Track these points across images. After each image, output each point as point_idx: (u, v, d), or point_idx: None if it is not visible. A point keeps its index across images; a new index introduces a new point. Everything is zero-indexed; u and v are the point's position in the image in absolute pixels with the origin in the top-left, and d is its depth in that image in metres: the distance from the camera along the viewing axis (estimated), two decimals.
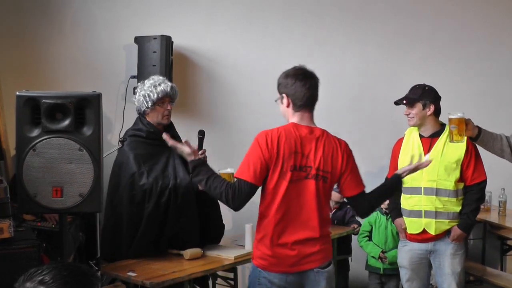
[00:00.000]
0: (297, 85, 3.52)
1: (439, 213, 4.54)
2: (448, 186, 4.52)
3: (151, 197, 4.19)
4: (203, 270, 4.17)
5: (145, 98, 4.36)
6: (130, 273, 3.95)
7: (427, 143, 4.61)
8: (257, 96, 6.25)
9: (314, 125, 3.63)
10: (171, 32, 5.61)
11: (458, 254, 4.60)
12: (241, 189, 3.44)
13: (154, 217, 4.21)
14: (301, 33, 6.41)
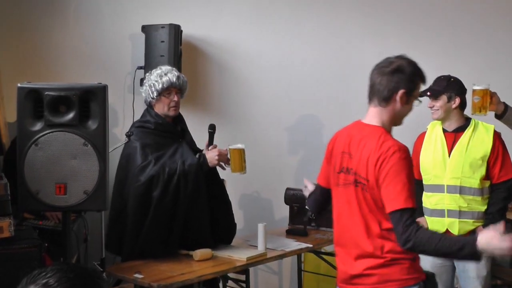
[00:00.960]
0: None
1: (463, 213, 4.50)
2: (473, 184, 4.47)
3: (158, 184, 4.16)
4: (214, 272, 4.16)
5: (151, 88, 4.36)
6: (137, 274, 3.94)
7: (451, 138, 4.56)
8: (270, 87, 6.25)
9: (375, 122, 3.32)
10: (180, 20, 5.61)
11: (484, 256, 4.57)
12: (315, 191, 3.54)
13: (162, 206, 4.17)
14: (315, 23, 6.37)
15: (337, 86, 6.42)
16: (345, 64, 6.44)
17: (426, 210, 4.67)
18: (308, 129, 6.35)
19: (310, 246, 4.88)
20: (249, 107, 6.19)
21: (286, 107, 6.30)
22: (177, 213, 4.24)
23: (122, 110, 5.78)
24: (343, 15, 6.46)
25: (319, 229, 5.32)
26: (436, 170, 4.55)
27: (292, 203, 5.47)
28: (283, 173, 6.25)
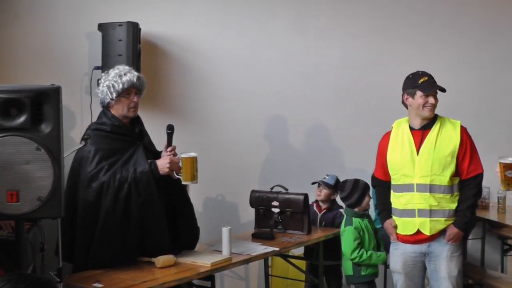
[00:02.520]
0: None
1: (434, 211, 4.52)
2: (443, 181, 4.50)
3: (108, 191, 4.12)
4: (177, 279, 4.10)
5: (109, 89, 4.29)
6: (96, 284, 3.88)
7: (419, 136, 4.59)
8: (234, 87, 6.24)
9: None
10: (139, 18, 5.57)
11: (455, 256, 4.59)
12: None
13: (113, 214, 4.13)
14: (281, 20, 6.39)
15: (303, 85, 6.44)
16: (311, 63, 6.46)
17: (396, 210, 4.69)
18: (273, 128, 6.35)
19: (277, 250, 4.86)
20: (212, 107, 6.17)
21: (251, 107, 6.28)
22: (130, 221, 4.19)
23: (80, 112, 5.72)
24: (310, 13, 6.49)
25: (286, 232, 5.31)
26: (405, 169, 4.57)
27: (258, 205, 5.46)
28: (248, 174, 6.24)
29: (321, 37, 6.50)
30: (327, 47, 6.51)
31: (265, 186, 5.76)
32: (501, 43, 7.04)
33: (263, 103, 6.31)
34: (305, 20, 6.46)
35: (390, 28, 6.72)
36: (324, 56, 6.47)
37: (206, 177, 5.87)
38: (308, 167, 6.42)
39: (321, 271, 5.46)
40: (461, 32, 6.91)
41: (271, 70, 6.35)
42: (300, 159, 6.46)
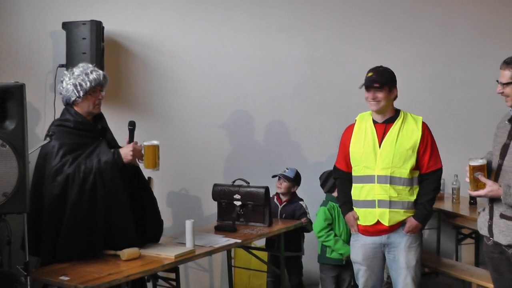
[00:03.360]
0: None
1: (394, 203, 4.57)
2: (403, 174, 4.56)
3: (74, 183, 4.12)
4: (142, 271, 4.12)
5: (75, 87, 4.28)
6: (63, 277, 3.88)
7: (382, 129, 4.64)
8: (197, 84, 6.24)
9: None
10: (102, 17, 5.52)
11: (413, 246, 4.65)
12: None
13: (80, 206, 4.13)
14: (242, 17, 6.41)
15: (264, 81, 6.47)
16: (271, 60, 6.49)
17: (356, 202, 4.73)
18: (235, 124, 6.38)
19: (239, 242, 4.89)
20: (174, 104, 6.16)
21: (213, 103, 6.30)
22: (97, 212, 4.19)
23: (44, 109, 5.67)
24: (271, 9, 6.52)
25: (248, 224, 5.33)
26: (366, 161, 4.61)
27: (220, 199, 5.47)
28: (210, 169, 6.26)
29: (281, 35, 6.55)
30: (287, 45, 6.55)
31: (227, 180, 5.78)
32: (452, 40, 7.18)
33: (225, 99, 6.32)
34: (266, 18, 6.49)
35: (348, 26, 6.80)
36: (284, 53, 6.51)
37: (170, 172, 5.91)
38: (269, 161, 6.46)
39: (282, 262, 5.51)
40: (415, 30, 7.03)
41: (232, 67, 6.37)
42: (261, 153, 6.49)
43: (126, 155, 4.24)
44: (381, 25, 6.92)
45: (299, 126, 6.61)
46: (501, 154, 3.85)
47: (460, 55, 7.21)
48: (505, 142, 3.85)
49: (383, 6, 6.92)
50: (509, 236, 3.77)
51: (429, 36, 7.09)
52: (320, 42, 6.69)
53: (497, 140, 3.94)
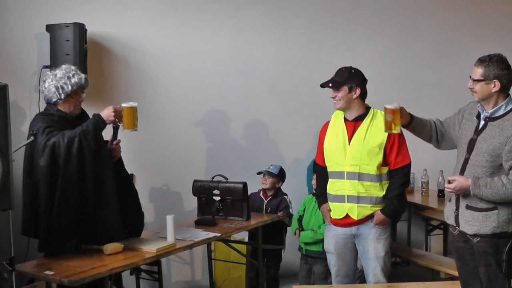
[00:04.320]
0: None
1: (362, 198, 4.58)
2: (370, 170, 4.55)
3: (60, 149, 4.05)
4: (124, 265, 4.10)
5: (57, 89, 4.24)
6: (47, 271, 3.85)
7: (351, 126, 4.63)
8: (177, 83, 6.22)
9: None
10: (84, 19, 5.49)
11: (382, 238, 4.65)
12: None
13: (69, 170, 4.07)
14: (219, 19, 6.40)
15: (242, 80, 6.46)
16: (249, 59, 6.48)
17: (329, 196, 4.73)
18: (214, 122, 6.36)
19: (218, 235, 4.88)
20: (156, 103, 6.13)
21: (193, 102, 6.27)
22: (87, 175, 4.12)
23: (29, 109, 5.61)
24: (246, 11, 6.52)
25: (227, 219, 5.32)
26: (337, 157, 4.61)
27: (200, 194, 5.46)
28: (190, 166, 6.23)
29: (256, 36, 6.54)
30: (262, 45, 6.54)
31: (207, 176, 5.77)
32: (420, 41, 7.21)
33: (204, 99, 6.30)
34: (241, 19, 6.49)
35: (319, 26, 6.81)
36: (259, 53, 6.50)
37: (151, 169, 5.88)
38: (246, 158, 6.45)
39: (260, 254, 5.51)
40: (383, 31, 7.06)
41: (210, 67, 6.35)
42: (239, 150, 6.48)
43: (108, 116, 4.21)
44: (350, 25, 6.94)
45: (275, 124, 6.60)
46: (468, 148, 3.89)
47: (426, 54, 7.24)
48: (472, 137, 3.89)
49: (351, 7, 6.94)
50: (474, 226, 3.83)
51: (396, 36, 7.12)
52: (293, 42, 6.69)
53: (463, 132, 3.99)
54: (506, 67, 3.80)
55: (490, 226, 3.78)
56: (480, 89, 3.83)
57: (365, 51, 6.86)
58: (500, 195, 3.70)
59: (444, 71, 7.31)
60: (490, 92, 3.80)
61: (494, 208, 3.78)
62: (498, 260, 3.81)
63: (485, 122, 3.87)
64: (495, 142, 3.74)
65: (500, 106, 3.82)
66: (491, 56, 3.84)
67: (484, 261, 3.84)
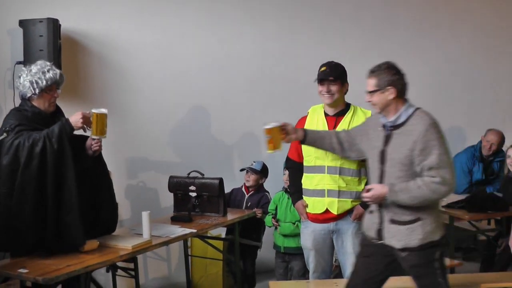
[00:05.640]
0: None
1: (342, 192, 4.55)
2: (351, 165, 4.53)
3: (23, 150, 3.98)
4: (100, 262, 4.07)
5: (32, 84, 4.19)
6: (21, 270, 3.80)
7: (332, 121, 4.60)
8: (153, 80, 6.19)
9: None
10: (58, 14, 5.43)
11: (360, 233, 4.63)
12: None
13: (29, 170, 3.98)
14: (195, 14, 6.37)
15: (218, 75, 6.44)
16: (223, 55, 6.45)
17: (307, 191, 4.68)
18: (190, 118, 6.33)
19: (194, 231, 4.85)
20: (131, 99, 6.09)
21: (168, 98, 6.23)
22: (47, 177, 4.02)
23: (4, 105, 5.55)
24: (222, 4, 6.50)
25: (203, 215, 5.29)
26: (318, 152, 4.57)
27: (176, 190, 5.43)
28: (166, 162, 6.20)
29: (232, 31, 6.52)
30: (238, 40, 6.52)
31: (183, 172, 5.72)
32: (397, 35, 7.22)
33: (180, 94, 6.27)
34: (217, 14, 6.47)
35: (296, 20, 6.81)
36: (236, 47, 6.47)
37: (127, 165, 5.83)
38: (223, 153, 6.43)
39: (236, 248, 5.51)
40: (361, 26, 7.06)
41: (186, 62, 6.32)
42: (216, 146, 6.46)
43: (76, 122, 4.11)
44: (327, 23, 6.93)
45: (252, 119, 6.56)
46: (381, 159, 3.81)
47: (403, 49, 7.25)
48: (382, 148, 3.81)
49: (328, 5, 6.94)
50: (401, 241, 3.75)
51: (373, 31, 7.12)
52: (271, 36, 6.67)
53: (373, 144, 3.91)
54: (397, 72, 3.78)
55: (417, 239, 3.70)
56: (377, 99, 3.78)
57: (344, 46, 6.86)
58: (417, 198, 3.61)
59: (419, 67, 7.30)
60: (388, 100, 3.75)
61: (417, 219, 3.70)
62: (432, 271, 3.74)
63: (390, 132, 3.80)
64: (404, 150, 3.66)
65: (400, 113, 3.77)
66: (380, 65, 3.84)
67: (416, 274, 3.78)
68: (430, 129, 3.63)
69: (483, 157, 6.67)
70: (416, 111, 3.77)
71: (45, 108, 4.27)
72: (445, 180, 3.57)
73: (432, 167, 3.58)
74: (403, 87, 3.79)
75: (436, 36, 7.38)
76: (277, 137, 4.12)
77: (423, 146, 3.60)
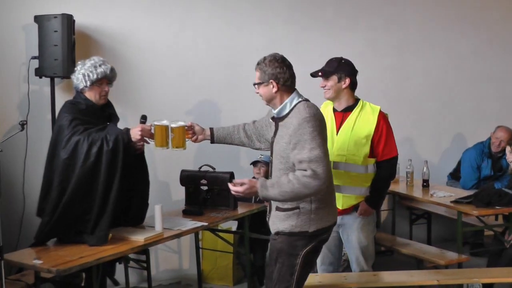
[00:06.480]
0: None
1: (347, 188, 4.58)
2: (357, 161, 4.55)
3: (82, 148, 4.15)
4: (113, 254, 4.09)
5: (84, 77, 4.37)
6: (36, 261, 3.84)
7: (340, 117, 4.61)
8: (164, 75, 6.21)
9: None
10: (72, 10, 5.48)
11: (366, 227, 4.66)
12: None
13: (86, 167, 4.15)
14: (206, 11, 6.39)
15: (229, 70, 6.44)
16: (235, 49, 6.46)
17: None
18: (201, 113, 6.33)
19: (206, 224, 4.87)
20: (144, 95, 6.12)
21: (180, 93, 6.26)
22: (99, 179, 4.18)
23: (18, 99, 5.60)
24: (233, 4, 6.50)
25: (214, 208, 5.29)
26: None
27: (188, 184, 5.43)
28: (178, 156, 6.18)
29: (243, 27, 6.53)
30: (248, 37, 6.52)
31: (194, 166, 5.74)
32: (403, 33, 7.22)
33: (191, 89, 6.29)
34: (228, 11, 6.48)
35: (306, 18, 6.80)
36: (246, 43, 6.48)
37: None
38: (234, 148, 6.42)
39: (246, 242, 5.51)
40: (368, 23, 7.06)
41: (196, 58, 6.35)
42: None
43: (135, 134, 4.27)
44: (335, 20, 6.94)
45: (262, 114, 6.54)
46: (271, 151, 3.86)
47: (411, 45, 7.26)
48: (272, 140, 3.84)
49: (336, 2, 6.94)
50: (275, 225, 3.81)
51: (382, 27, 7.12)
52: (281, 31, 6.67)
53: (269, 135, 3.98)
54: (280, 65, 3.76)
55: (289, 225, 3.71)
56: (262, 92, 3.80)
57: (351, 42, 6.87)
58: (287, 193, 3.53)
59: (428, 63, 7.34)
60: (272, 93, 3.76)
61: (296, 207, 3.70)
62: (291, 262, 3.73)
63: (277, 124, 3.81)
64: (282, 142, 3.66)
65: (285, 104, 3.76)
66: (265, 57, 3.83)
67: (279, 259, 3.77)
68: (303, 123, 3.57)
69: (492, 153, 6.68)
70: (298, 103, 3.73)
71: (96, 100, 4.44)
72: (316, 174, 3.48)
73: (303, 160, 3.52)
74: (287, 80, 3.76)
75: (444, 32, 7.38)
76: (181, 136, 4.24)
77: (296, 140, 3.56)
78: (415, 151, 6.91)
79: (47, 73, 5.38)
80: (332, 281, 4.69)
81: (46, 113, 5.57)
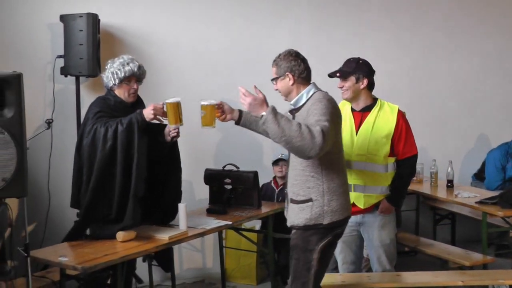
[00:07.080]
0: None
1: (368, 187, 4.55)
2: (377, 160, 4.53)
3: (100, 135, 4.23)
4: (137, 252, 4.11)
5: (113, 75, 4.44)
6: (61, 258, 3.87)
7: (359, 117, 4.60)
8: (186, 74, 6.22)
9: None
10: (97, 9, 5.51)
11: (387, 226, 4.63)
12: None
13: (105, 150, 4.23)
14: (229, 10, 6.38)
15: (252, 69, 6.41)
16: (257, 50, 6.43)
17: None
18: None
19: (230, 223, 4.87)
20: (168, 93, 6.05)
21: (202, 91, 6.20)
22: (117, 162, 4.25)
23: (43, 98, 5.63)
24: (257, 2, 6.48)
25: (238, 207, 5.28)
26: (344, 147, 4.56)
27: (212, 183, 5.43)
28: (202, 155, 6.21)
29: (265, 26, 6.51)
30: (273, 34, 6.50)
31: (218, 165, 5.73)
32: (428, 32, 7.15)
33: (213, 88, 6.26)
34: (252, 9, 6.47)
35: (330, 16, 6.76)
36: (269, 43, 6.44)
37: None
38: (257, 147, 6.41)
39: (270, 241, 5.49)
40: (394, 21, 7.01)
41: (219, 57, 6.35)
42: (250, 140, 6.43)
43: (148, 114, 4.30)
44: (360, 17, 6.90)
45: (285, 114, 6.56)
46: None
47: (436, 44, 7.19)
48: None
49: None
50: (290, 218, 3.82)
51: (406, 28, 7.06)
52: (303, 33, 6.64)
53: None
54: (294, 58, 3.84)
55: (303, 218, 3.71)
56: (279, 86, 3.88)
57: (375, 42, 6.82)
58: (290, 130, 3.44)
59: (452, 63, 7.27)
60: (289, 86, 3.83)
61: (309, 200, 3.69)
62: (307, 257, 3.72)
63: (294, 115, 3.85)
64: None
65: (301, 95, 3.82)
66: (280, 53, 3.91)
67: (294, 255, 3.78)
68: (316, 102, 3.65)
69: None
70: (315, 93, 3.78)
71: (125, 98, 4.51)
72: (321, 132, 3.41)
73: (312, 122, 3.52)
74: (303, 72, 3.84)
75: (469, 32, 7.30)
76: (211, 114, 4.18)
77: (307, 113, 3.62)
78: (439, 152, 6.84)
79: (73, 72, 5.40)
80: (355, 280, 4.65)
81: (71, 111, 5.58)
